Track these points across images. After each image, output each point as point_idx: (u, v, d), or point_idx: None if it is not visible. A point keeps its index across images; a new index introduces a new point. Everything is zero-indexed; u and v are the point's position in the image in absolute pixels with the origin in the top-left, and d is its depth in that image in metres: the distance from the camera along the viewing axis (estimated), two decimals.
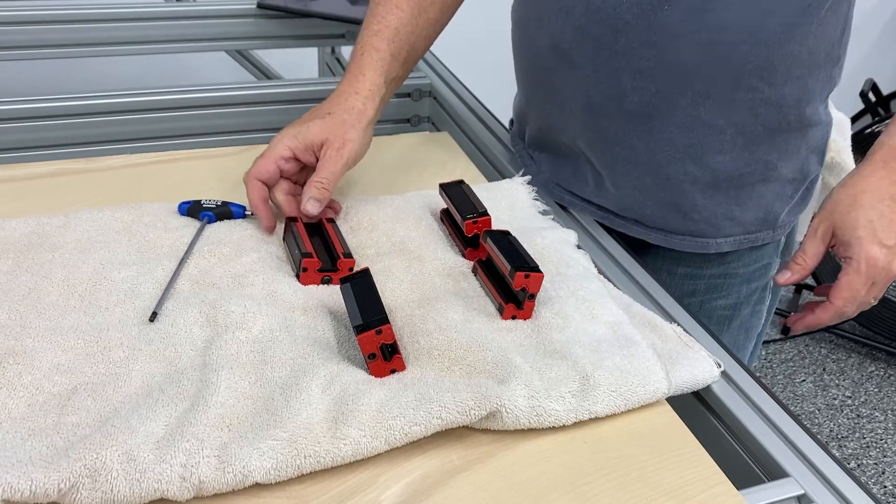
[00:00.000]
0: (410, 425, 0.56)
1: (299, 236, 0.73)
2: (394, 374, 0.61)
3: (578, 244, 0.82)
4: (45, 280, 0.68)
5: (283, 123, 1.08)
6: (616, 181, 0.86)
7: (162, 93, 1.02)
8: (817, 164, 0.89)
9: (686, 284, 0.92)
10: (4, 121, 0.95)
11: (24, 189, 0.84)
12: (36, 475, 0.49)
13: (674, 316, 0.74)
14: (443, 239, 0.79)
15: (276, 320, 0.65)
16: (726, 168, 0.83)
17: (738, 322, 0.96)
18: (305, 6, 1.31)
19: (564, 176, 0.91)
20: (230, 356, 0.61)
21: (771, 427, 0.63)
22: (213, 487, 0.52)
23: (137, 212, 0.78)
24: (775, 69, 0.77)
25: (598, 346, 0.65)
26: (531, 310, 0.69)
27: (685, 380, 0.64)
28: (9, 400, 0.56)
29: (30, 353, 0.60)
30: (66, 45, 1.24)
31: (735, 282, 0.92)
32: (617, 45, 0.78)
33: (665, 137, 0.81)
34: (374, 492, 0.54)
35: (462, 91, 1.13)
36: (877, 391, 2.23)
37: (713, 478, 0.57)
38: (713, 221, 0.86)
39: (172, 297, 0.68)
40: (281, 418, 0.55)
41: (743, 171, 0.83)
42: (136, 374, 0.59)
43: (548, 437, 0.59)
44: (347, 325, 0.66)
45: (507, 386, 0.59)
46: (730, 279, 0.92)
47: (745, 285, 0.93)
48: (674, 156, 0.82)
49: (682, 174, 0.83)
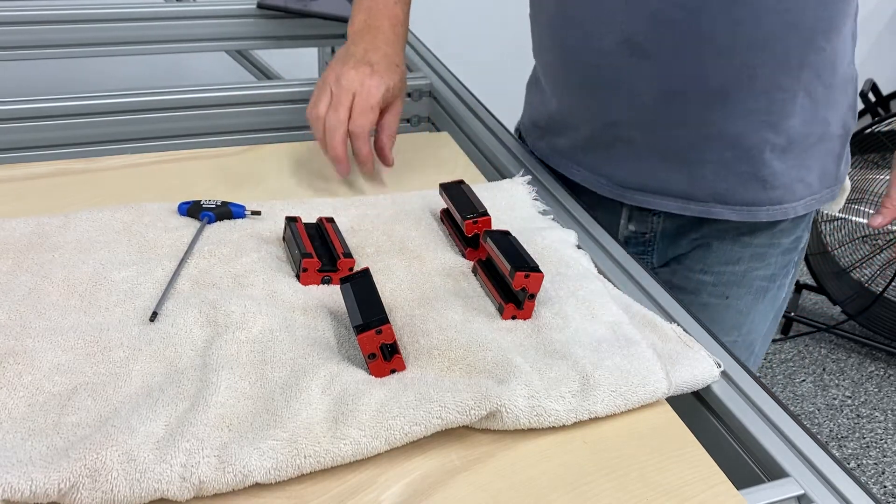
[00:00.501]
0: (410, 425, 0.56)
1: (299, 236, 0.73)
2: (394, 374, 0.61)
3: (578, 244, 0.82)
4: (45, 280, 0.68)
5: (283, 123, 1.08)
6: (694, 164, 0.88)
7: (162, 93, 1.02)
8: (853, 119, 0.94)
9: (734, 252, 0.95)
10: (4, 121, 0.95)
11: (24, 189, 0.84)
12: (36, 475, 0.49)
13: (674, 316, 0.74)
14: (443, 239, 0.79)
15: (276, 320, 0.65)
16: (798, 131, 0.86)
17: (772, 294, 1.00)
18: (305, 6, 1.31)
19: (627, 173, 0.92)
20: (230, 356, 0.61)
21: (771, 427, 0.63)
22: (213, 487, 0.52)
23: (137, 212, 0.78)
24: (834, 26, 0.82)
25: (598, 346, 0.65)
26: (531, 310, 0.69)
27: (685, 380, 0.64)
28: (9, 400, 0.56)
29: (30, 353, 0.60)
30: (66, 45, 1.24)
31: (775, 251, 0.96)
32: (699, 28, 0.79)
33: (745, 108, 0.83)
34: (374, 492, 0.54)
35: (462, 91, 1.13)
36: (877, 391, 2.23)
37: (713, 478, 0.57)
38: (789, 186, 0.90)
39: (172, 297, 0.68)
40: (281, 418, 0.55)
41: (809, 131, 0.87)
42: (137, 374, 0.59)
43: (548, 437, 0.59)
44: (347, 325, 0.66)
45: (507, 386, 0.59)
46: (772, 249, 0.95)
47: (781, 256, 0.97)
48: (754, 126, 0.85)
49: (761, 143, 0.86)
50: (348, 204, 0.83)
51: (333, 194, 0.87)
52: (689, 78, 0.82)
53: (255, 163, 0.93)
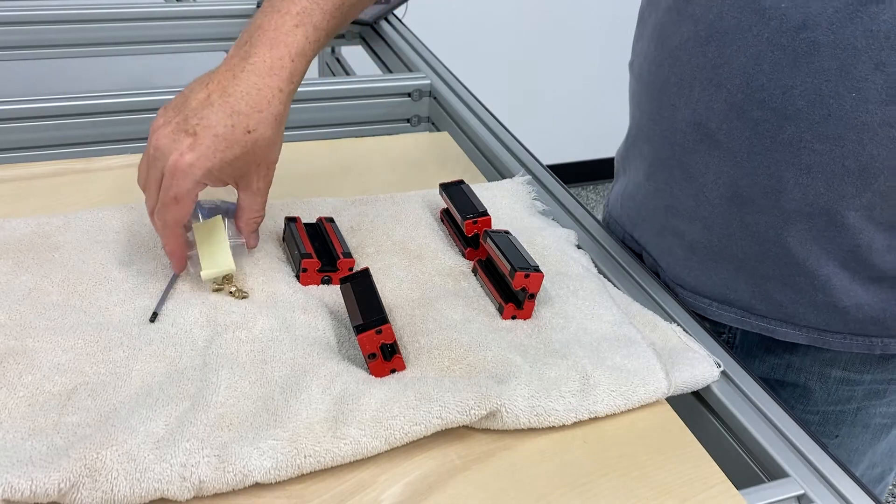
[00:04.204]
0: (411, 425, 0.56)
1: (299, 237, 0.73)
2: (394, 374, 0.61)
3: (578, 244, 0.82)
4: (45, 280, 0.68)
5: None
6: (758, 277, 0.75)
7: (162, 93, 1.02)
8: None
9: (841, 390, 0.80)
10: (4, 121, 0.95)
11: (24, 189, 0.84)
12: (36, 475, 0.49)
13: (674, 316, 0.74)
14: (443, 239, 0.79)
15: (276, 320, 0.65)
16: (893, 266, 0.71)
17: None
18: None
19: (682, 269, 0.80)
20: (230, 356, 0.61)
21: (771, 427, 0.63)
22: (213, 487, 0.52)
23: (137, 212, 0.78)
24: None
25: (598, 346, 0.65)
26: (531, 310, 0.69)
27: (685, 380, 0.64)
28: (9, 400, 0.56)
29: (30, 352, 0.60)
30: (66, 45, 1.24)
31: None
32: (782, 135, 0.66)
33: (827, 238, 0.69)
34: (374, 491, 0.54)
35: (462, 91, 1.13)
36: None
37: (713, 477, 0.57)
38: (880, 319, 0.74)
39: (173, 297, 0.68)
40: (281, 418, 0.55)
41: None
42: (137, 374, 0.59)
43: (548, 437, 0.59)
44: (347, 325, 0.66)
45: (507, 385, 0.59)
46: (893, 384, 0.80)
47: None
48: (836, 258, 0.71)
49: (842, 273, 0.71)
50: (348, 204, 0.83)
51: (333, 194, 0.87)
52: (763, 187, 0.69)
53: None
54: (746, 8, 0.65)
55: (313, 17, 0.65)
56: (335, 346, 0.64)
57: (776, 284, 0.74)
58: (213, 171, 0.62)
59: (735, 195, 0.71)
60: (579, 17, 2.82)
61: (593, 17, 2.84)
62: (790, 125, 0.65)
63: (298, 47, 0.64)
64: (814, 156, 0.65)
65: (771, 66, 0.64)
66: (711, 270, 0.78)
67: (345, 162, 0.95)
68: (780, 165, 0.67)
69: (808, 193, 0.67)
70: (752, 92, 0.66)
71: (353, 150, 0.99)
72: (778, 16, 0.63)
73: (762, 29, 0.64)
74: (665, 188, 0.78)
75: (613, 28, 2.87)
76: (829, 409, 0.81)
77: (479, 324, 0.66)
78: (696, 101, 0.70)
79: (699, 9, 0.68)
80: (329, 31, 0.68)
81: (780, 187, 0.68)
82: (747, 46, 0.65)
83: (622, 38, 3.25)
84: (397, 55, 1.27)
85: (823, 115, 0.64)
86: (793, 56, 0.63)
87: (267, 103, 0.63)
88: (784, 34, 0.63)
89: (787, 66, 0.64)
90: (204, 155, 0.61)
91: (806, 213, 0.69)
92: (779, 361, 0.81)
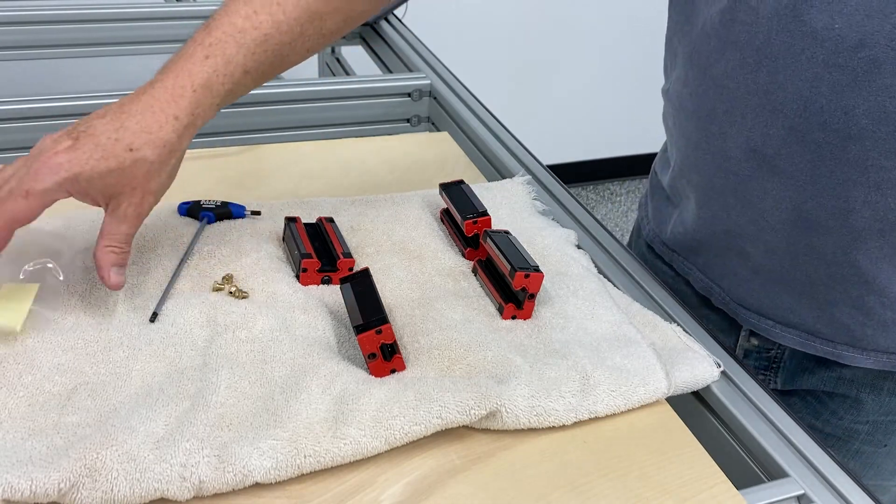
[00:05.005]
0: (410, 425, 0.56)
1: (299, 236, 0.73)
2: (394, 374, 0.61)
3: (578, 244, 0.82)
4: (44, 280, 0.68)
5: (283, 123, 1.07)
6: (824, 301, 0.74)
7: None
8: None
9: (893, 402, 0.80)
10: (4, 121, 0.95)
11: None
12: (36, 475, 0.49)
13: (674, 316, 0.74)
14: (443, 239, 0.79)
15: (276, 320, 0.65)
16: None
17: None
18: None
19: (744, 291, 0.80)
20: (230, 356, 0.61)
21: (771, 427, 0.63)
22: (213, 487, 0.52)
23: None
24: None
25: (598, 346, 0.65)
26: (531, 310, 0.69)
27: (685, 380, 0.64)
28: (9, 400, 0.56)
29: (30, 352, 0.60)
30: (66, 45, 1.24)
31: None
32: (846, 155, 0.65)
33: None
34: (374, 491, 0.54)
35: (462, 91, 1.13)
36: None
37: (713, 477, 0.57)
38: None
39: (173, 297, 0.68)
40: (281, 418, 0.55)
41: None
42: (137, 374, 0.59)
43: (548, 437, 0.59)
44: (347, 325, 0.66)
45: (507, 385, 0.59)
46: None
47: None
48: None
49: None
50: (348, 204, 0.83)
51: (333, 194, 0.87)
52: (829, 209, 0.68)
53: (255, 163, 0.93)
54: (796, 32, 0.63)
55: (226, 49, 0.63)
56: (335, 346, 0.64)
57: (843, 308, 0.74)
58: (81, 178, 0.59)
59: (799, 219, 0.70)
60: (579, 18, 2.82)
61: (593, 18, 2.84)
62: (854, 145, 0.64)
63: (203, 78, 0.62)
64: (882, 172, 0.65)
65: (829, 88, 0.63)
66: (774, 293, 0.77)
67: (345, 162, 0.95)
68: (847, 186, 0.66)
69: (878, 210, 0.67)
70: (812, 115, 0.65)
71: (353, 150, 0.99)
72: (833, 37, 0.62)
73: (816, 51, 0.63)
74: (722, 214, 0.77)
75: (613, 28, 2.87)
76: (879, 419, 0.81)
77: (478, 324, 0.66)
78: (750, 128, 0.69)
79: (743, 35, 0.67)
80: (250, 68, 0.65)
81: (849, 207, 0.67)
82: (802, 70, 0.64)
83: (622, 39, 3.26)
84: (397, 55, 1.27)
85: (889, 132, 0.63)
86: (852, 76, 0.62)
87: (158, 127, 0.61)
88: (841, 54, 0.62)
89: (846, 86, 0.62)
90: (77, 159, 0.58)
91: (877, 229, 0.68)
92: (830, 374, 0.80)
